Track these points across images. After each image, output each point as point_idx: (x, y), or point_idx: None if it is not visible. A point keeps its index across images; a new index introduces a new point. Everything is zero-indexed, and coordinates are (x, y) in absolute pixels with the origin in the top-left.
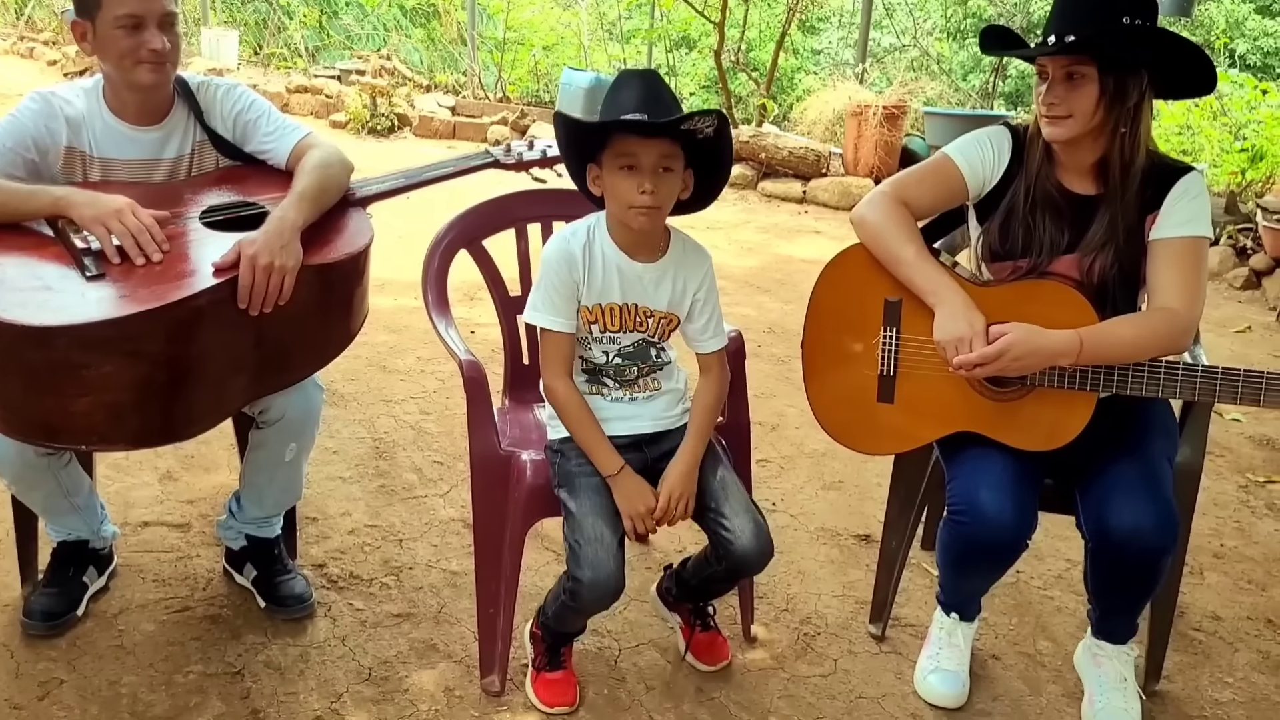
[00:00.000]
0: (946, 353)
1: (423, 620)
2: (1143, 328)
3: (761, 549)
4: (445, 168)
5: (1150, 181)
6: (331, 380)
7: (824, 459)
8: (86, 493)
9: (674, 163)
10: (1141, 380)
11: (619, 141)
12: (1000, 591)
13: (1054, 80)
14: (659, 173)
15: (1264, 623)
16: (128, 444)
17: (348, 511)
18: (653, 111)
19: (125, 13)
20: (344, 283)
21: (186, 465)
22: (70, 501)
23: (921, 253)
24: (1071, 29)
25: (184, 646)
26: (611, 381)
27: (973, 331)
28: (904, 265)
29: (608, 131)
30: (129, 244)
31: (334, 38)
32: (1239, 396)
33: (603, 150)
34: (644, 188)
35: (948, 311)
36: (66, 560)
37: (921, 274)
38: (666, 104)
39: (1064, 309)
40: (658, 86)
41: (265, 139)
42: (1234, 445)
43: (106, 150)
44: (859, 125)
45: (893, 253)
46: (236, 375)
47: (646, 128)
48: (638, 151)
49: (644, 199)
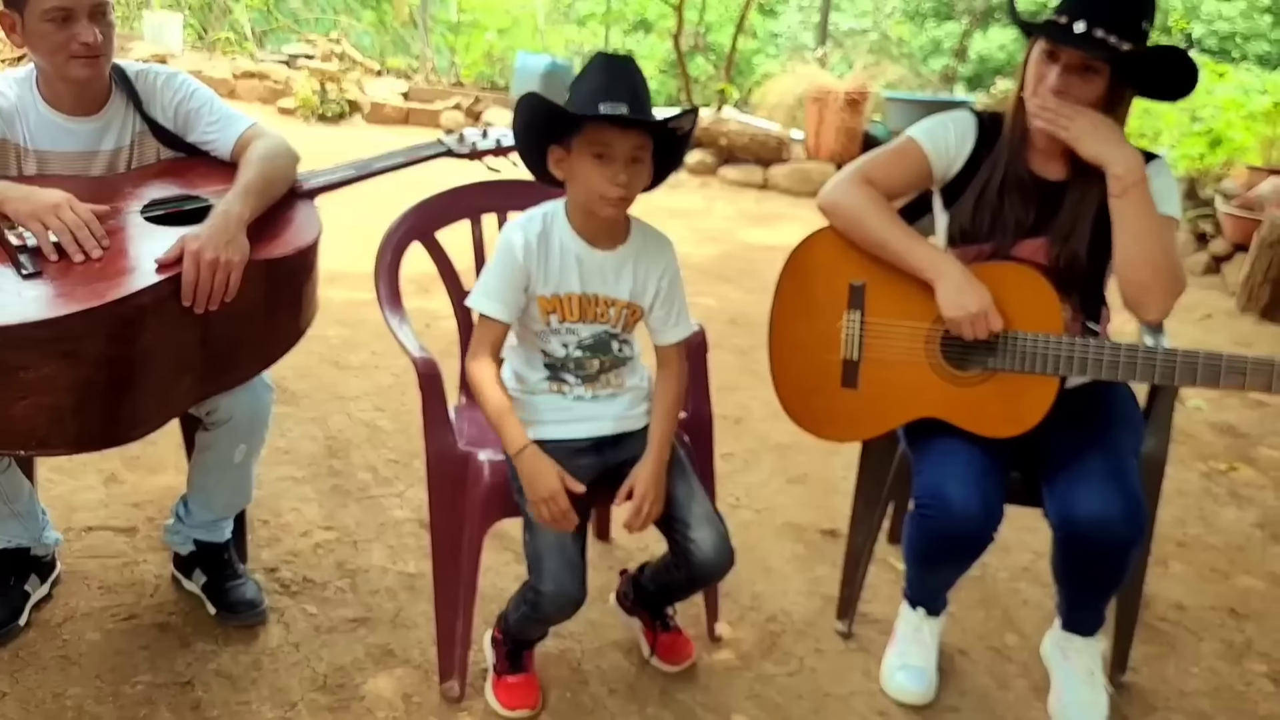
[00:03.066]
0: (962, 330)
1: (379, 624)
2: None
3: (722, 560)
4: (396, 158)
5: None
6: (283, 377)
7: (789, 452)
8: (26, 498)
9: (644, 153)
10: (1101, 363)
11: (593, 130)
12: (967, 585)
13: (1067, 68)
14: (630, 163)
15: (1227, 612)
16: (69, 448)
17: (300, 513)
18: (632, 102)
19: (54, 5)
20: (292, 278)
21: (132, 467)
22: (9, 508)
23: (908, 230)
24: (1103, 24)
25: (131, 656)
26: (573, 377)
27: (984, 306)
28: (892, 245)
29: (586, 120)
30: (67, 240)
31: (282, 20)
32: (1197, 378)
33: (572, 135)
34: (619, 179)
35: (952, 286)
36: (7, 568)
37: (915, 252)
38: (645, 94)
39: (1027, 292)
40: (636, 75)
41: (208, 129)
42: (1196, 433)
43: (42, 143)
44: (820, 110)
45: (877, 234)
46: (182, 375)
47: (631, 123)
48: (613, 142)
49: (616, 190)
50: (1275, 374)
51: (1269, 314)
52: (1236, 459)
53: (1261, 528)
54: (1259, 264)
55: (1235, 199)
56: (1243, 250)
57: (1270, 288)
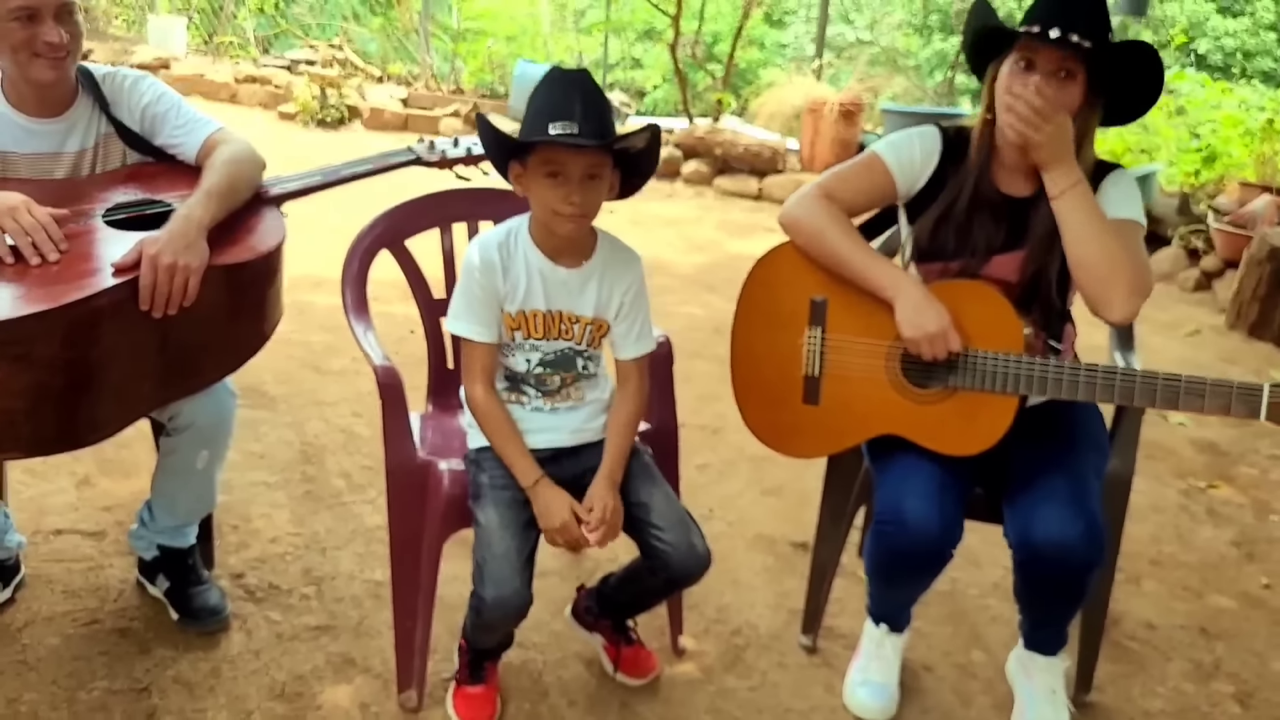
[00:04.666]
0: (920, 350)
1: (342, 633)
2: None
3: (700, 559)
4: (365, 165)
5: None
6: (262, 381)
7: (764, 464)
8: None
9: (601, 170)
10: (1060, 383)
11: (546, 149)
12: (935, 600)
13: (1043, 74)
14: (586, 181)
15: (1197, 631)
16: (22, 451)
17: (270, 519)
18: (584, 120)
19: (19, 4)
20: (254, 284)
21: (105, 470)
22: None
23: (868, 249)
24: (1075, 27)
25: (90, 662)
26: (532, 390)
27: (942, 326)
28: (853, 263)
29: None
30: (23, 243)
31: (288, 24)
32: (1156, 400)
33: (528, 154)
34: (571, 199)
35: (911, 305)
36: None
37: (873, 270)
38: (598, 111)
39: (986, 310)
40: (588, 91)
41: (175, 132)
42: (1177, 449)
43: (5, 144)
44: (815, 121)
45: (836, 252)
46: (141, 380)
47: (579, 145)
48: (565, 161)
49: (569, 209)
50: (1234, 397)
51: (1256, 331)
52: (1216, 477)
53: (1238, 546)
54: (1248, 281)
55: (1227, 215)
56: (1234, 267)
57: (1259, 305)
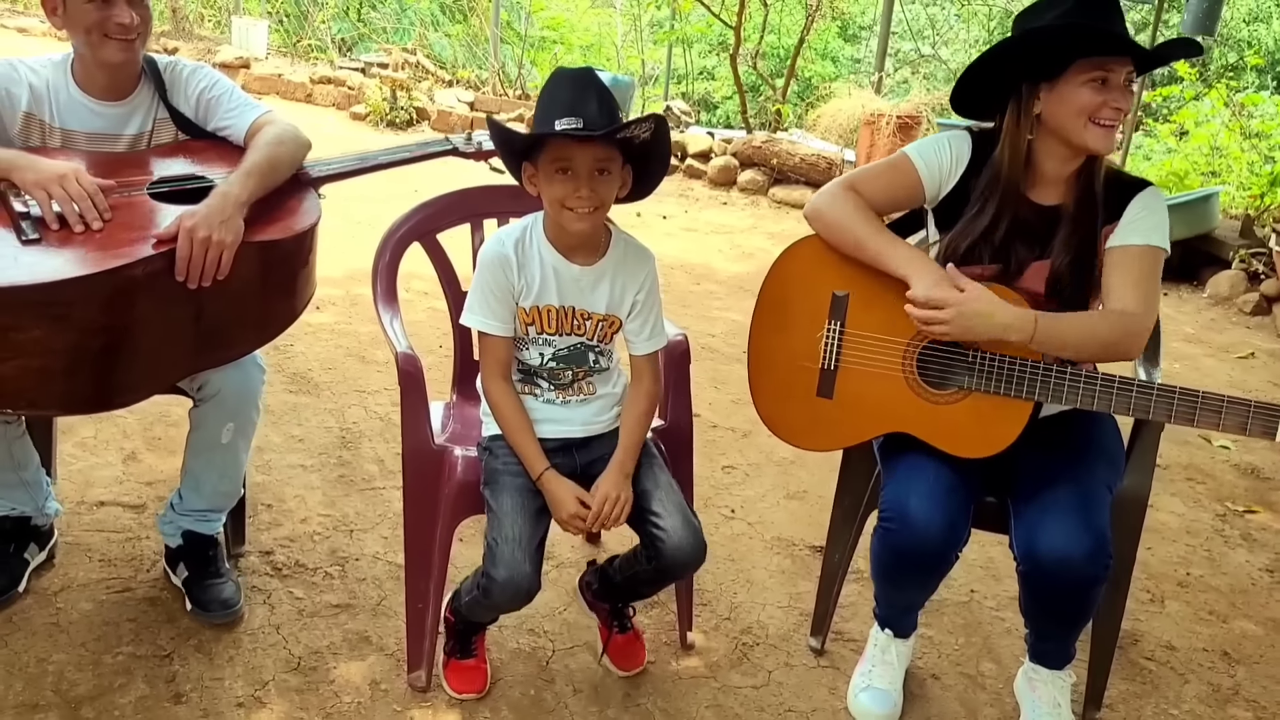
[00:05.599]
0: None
1: (360, 612)
2: (1097, 323)
3: (694, 550)
4: (403, 153)
5: (1110, 193)
6: (309, 369)
7: (791, 467)
8: (34, 468)
9: (611, 165)
10: (1077, 391)
11: (554, 146)
12: (950, 610)
13: (1116, 86)
14: (596, 176)
15: (1219, 655)
16: (56, 409)
17: (304, 500)
18: (588, 115)
19: None
20: (286, 261)
21: (152, 446)
22: (19, 475)
23: (888, 233)
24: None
25: (118, 627)
26: (545, 383)
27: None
28: (871, 245)
29: (546, 137)
30: (69, 210)
31: (369, 27)
32: (1173, 415)
33: (538, 152)
34: (580, 193)
35: (929, 280)
36: (8, 536)
37: (893, 252)
38: (602, 105)
39: None
40: (592, 87)
41: (226, 115)
42: (1217, 472)
43: (69, 122)
44: (872, 134)
45: (856, 237)
46: (174, 347)
47: (581, 137)
48: (573, 155)
49: (579, 203)
50: (1250, 417)
51: None
52: (1255, 501)
53: (1270, 573)
54: None
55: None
56: None
57: None
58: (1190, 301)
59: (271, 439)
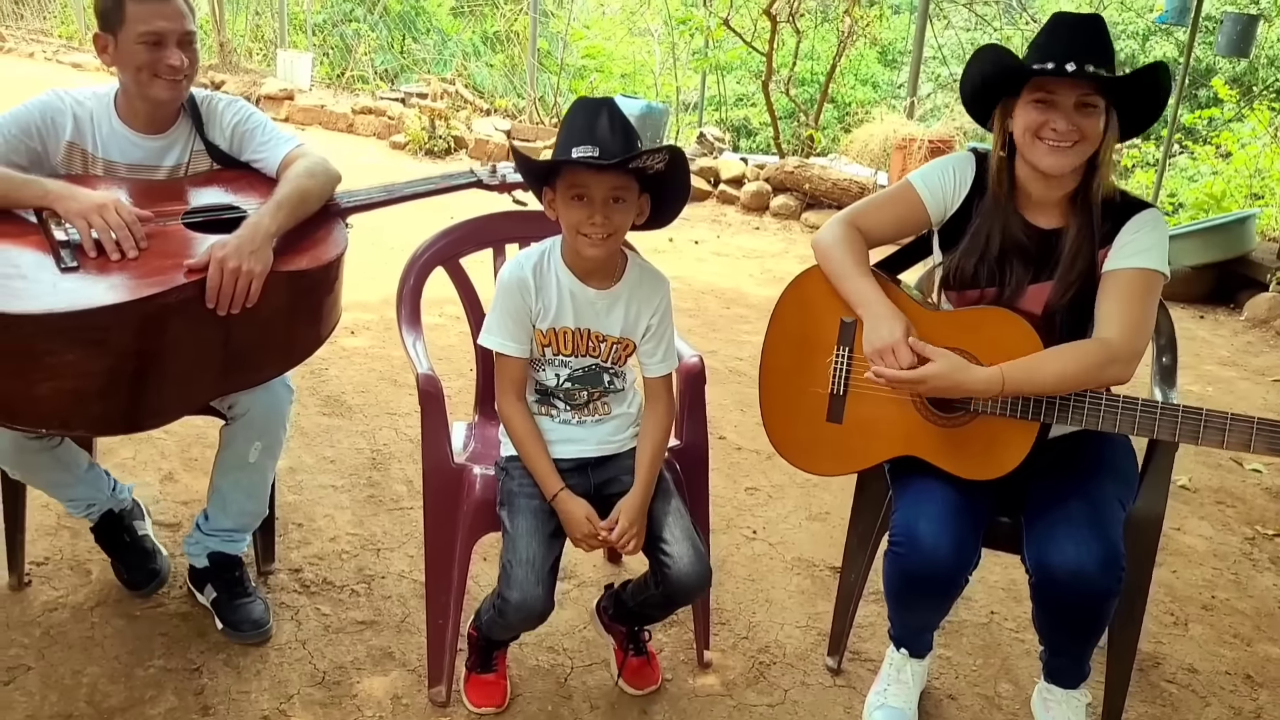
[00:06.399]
0: (871, 362)
1: (385, 628)
2: (1069, 359)
3: (699, 577)
4: (428, 184)
5: (1109, 216)
6: (342, 392)
7: (814, 489)
8: (86, 466)
9: (626, 193)
10: (1082, 411)
11: (571, 173)
12: (969, 631)
13: (1063, 108)
14: (610, 203)
15: (1242, 678)
16: (89, 430)
17: (333, 519)
18: (605, 144)
19: (148, 30)
20: (313, 290)
21: (189, 467)
22: (74, 474)
23: (859, 269)
24: (1091, 59)
25: (150, 641)
26: (561, 403)
27: (893, 339)
28: (842, 280)
29: (563, 165)
30: (106, 239)
31: (411, 59)
32: (1177, 433)
33: (557, 178)
34: (594, 219)
35: (872, 321)
36: (110, 531)
37: (855, 287)
38: (619, 134)
39: (1008, 336)
40: (610, 116)
41: (259, 148)
42: (1248, 496)
43: (110, 153)
44: (904, 158)
45: (835, 269)
46: (203, 371)
47: (595, 165)
48: (589, 184)
49: (593, 229)
50: (1255, 434)
51: None
52: None
53: None
54: None
55: None
56: None
57: None
58: (1227, 324)
59: (304, 460)
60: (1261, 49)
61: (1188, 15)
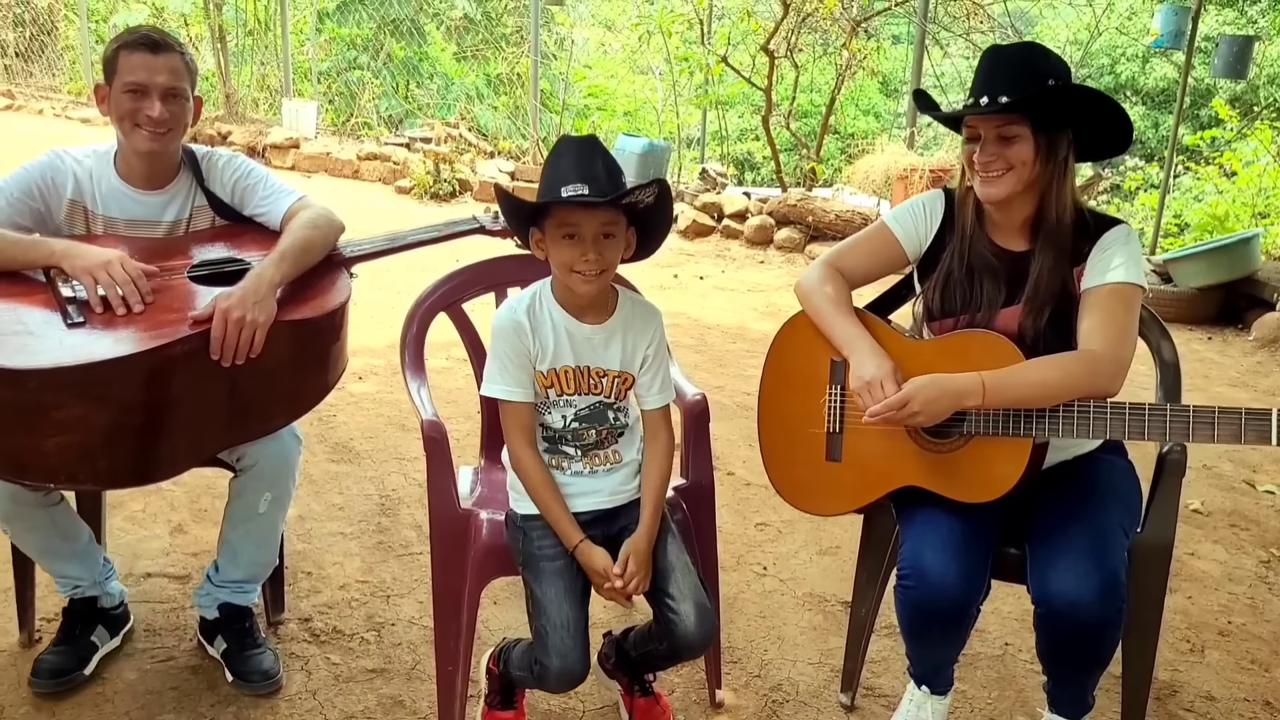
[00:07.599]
0: (860, 401)
1: (395, 676)
2: (1052, 369)
3: (704, 636)
4: (431, 232)
5: (1080, 235)
6: (350, 438)
7: (824, 524)
8: (85, 541)
9: (615, 229)
10: (1072, 420)
11: (560, 212)
12: (985, 664)
13: (986, 140)
14: (601, 239)
15: (1261, 705)
16: (96, 483)
17: (342, 566)
18: (593, 181)
19: (132, 79)
20: (318, 338)
21: (199, 518)
22: (70, 547)
23: (839, 309)
24: (1003, 90)
25: (161, 695)
26: (571, 449)
27: (880, 374)
28: (825, 320)
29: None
30: (113, 295)
31: (415, 104)
32: (1167, 433)
33: (545, 218)
34: (586, 256)
35: (857, 359)
36: (76, 618)
37: (838, 327)
38: (607, 171)
39: (995, 357)
40: (597, 154)
41: (261, 202)
42: (1262, 519)
43: (110, 209)
44: (905, 188)
45: (817, 312)
46: (210, 423)
47: (587, 204)
48: (580, 222)
49: (586, 266)
50: (1244, 425)
51: None
52: None
53: None
54: None
55: None
56: None
57: None
58: (1235, 345)
59: (313, 508)
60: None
61: (1183, 39)
